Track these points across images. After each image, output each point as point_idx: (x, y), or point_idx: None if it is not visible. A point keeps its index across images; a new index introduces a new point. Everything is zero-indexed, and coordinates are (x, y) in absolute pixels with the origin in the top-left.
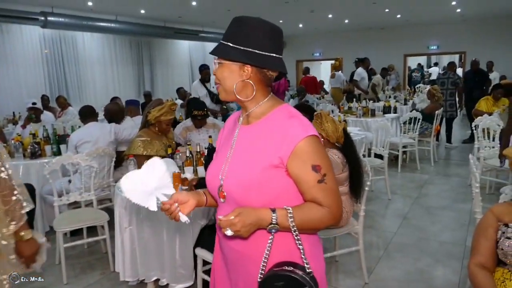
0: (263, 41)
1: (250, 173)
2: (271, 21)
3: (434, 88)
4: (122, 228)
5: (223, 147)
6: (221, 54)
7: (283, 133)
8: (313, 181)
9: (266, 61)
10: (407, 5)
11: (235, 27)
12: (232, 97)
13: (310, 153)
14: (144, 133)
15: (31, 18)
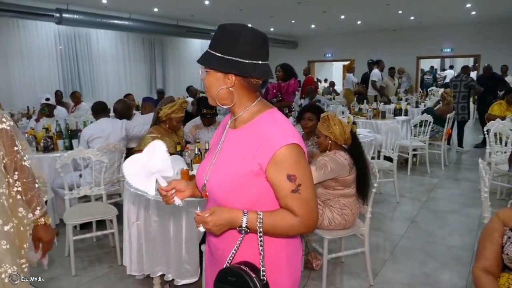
0: (246, 49)
1: (231, 176)
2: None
3: (446, 91)
4: (130, 223)
5: (213, 148)
6: (205, 63)
7: (264, 140)
8: (287, 190)
9: (250, 69)
10: (421, 7)
11: (219, 35)
12: (218, 103)
13: (287, 162)
14: (155, 130)
15: (47, 14)
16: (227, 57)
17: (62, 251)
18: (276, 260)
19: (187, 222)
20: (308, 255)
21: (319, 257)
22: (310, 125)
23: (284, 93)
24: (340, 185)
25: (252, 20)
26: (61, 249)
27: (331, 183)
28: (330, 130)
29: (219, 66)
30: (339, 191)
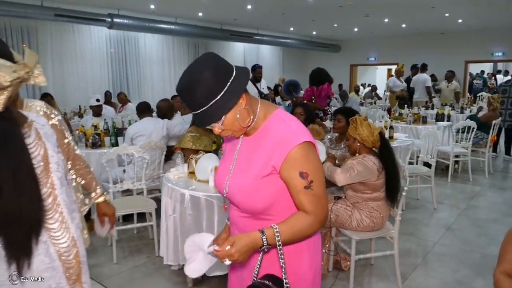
0: (222, 75)
1: (249, 181)
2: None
3: (493, 97)
4: (167, 215)
5: (227, 154)
6: (221, 113)
7: (276, 142)
8: (300, 186)
9: (243, 80)
10: (470, 10)
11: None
12: (245, 126)
13: (299, 160)
14: (194, 129)
15: (99, 19)
16: (226, 89)
17: (105, 241)
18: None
19: (218, 216)
20: (337, 256)
21: (348, 258)
22: (338, 126)
23: (317, 97)
24: (369, 189)
25: (294, 24)
26: (104, 239)
27: (359, 186)
28: (357, 131)
29: (231, 101)
30: (368, 195)
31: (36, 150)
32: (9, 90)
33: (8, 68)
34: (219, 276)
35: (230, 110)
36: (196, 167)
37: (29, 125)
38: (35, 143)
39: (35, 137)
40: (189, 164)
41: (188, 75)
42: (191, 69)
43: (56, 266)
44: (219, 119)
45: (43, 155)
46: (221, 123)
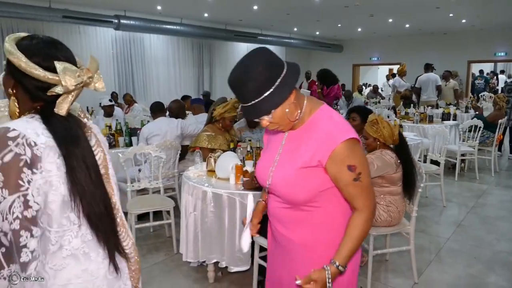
0: (276, 69)
1: (293, 172)
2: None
3: (498, 96)
4: (187, 213)
5: (270, 148)
6: (270, 108)
7: (322, 138)
8: (349, 179)
9: (293, 76)
10: (474, 10)
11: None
12: (293, 121)
13: (346, 155)
14: (209, 128)
15: (106, 21)
16: (277, 83)
17: None
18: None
19: (241, 214)
20: None
21: (364, 254)
22: (353, 124)
23: (325, 96)
24: (387, 182)
25: (299, 24)
26: None
27: (377, 180)
28: (379, 133)
29: (282, 96)
30: (386, 188)
31: (97, 154)
32: (73, 94)
33: (74, 72)
34: (240, 272)
35: (281, 105)
36: (217, 165)
37: (88, 130)
38: (95, 147)
39: (95, 141)
40: (207, 162)
41: (241, 68)
42: (244, 63)
43: (123, 267)
44: (269, 112)
45: (103, 160)
46: (271, 116)
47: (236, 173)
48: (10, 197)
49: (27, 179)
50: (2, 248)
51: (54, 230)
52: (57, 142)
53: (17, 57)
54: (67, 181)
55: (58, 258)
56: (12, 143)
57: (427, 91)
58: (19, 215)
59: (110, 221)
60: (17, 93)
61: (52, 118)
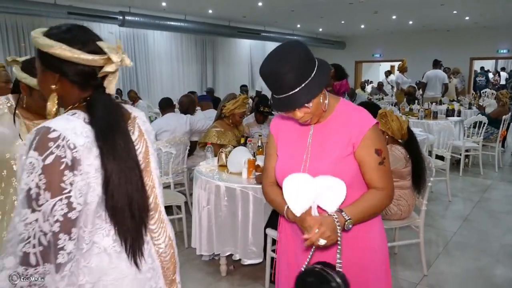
0: (311, 62)
1: (330, 162)
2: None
3: (501, 92)
4: (200, 207)
5: (295, 144)
6: (309, 98)
7: (353, 124)
8: (375, 162)
9: (324, 70)
10: (478, 7)
11: (289, 73)
12: (322, 114)
13: (375, 139)
14: (219, 124)
15: (111, 17)
16: (314, 73)
17: None
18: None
19: (254, 207)
20: None
21: None
22: None
23: (336, 92)
24: (396, 177)
25: (302, 20)
26: None
27: None
28: (388, 126)
29: (319, 87)
30: (395, 183)
31: (139, 148)
32: (116, 75)
33: (113, 49)
34: (252, 265)
35: (318, 95)
36: (229, 160)
37: (133, 122)
38: (137, 140)
39: (138, 134)
40: (219, 157)
41: (278, 59)
42: (280, 54)
43: (156, 266)
44: (309, 101)
45: (144, 153)
46: (311, 105)
47: (249, 167)
48: (52, 200)
49: (69, 181)
50: (40, 247)
51: (88, 230)
52: (96, 134)
53: (60, 48)
54: (102, 174)
55: (91, 255)
56: (53, 145)
57: (434, 88)
58: (60, 217)
59: (137, 218)
60: (62, 87)
61: (101, 104)
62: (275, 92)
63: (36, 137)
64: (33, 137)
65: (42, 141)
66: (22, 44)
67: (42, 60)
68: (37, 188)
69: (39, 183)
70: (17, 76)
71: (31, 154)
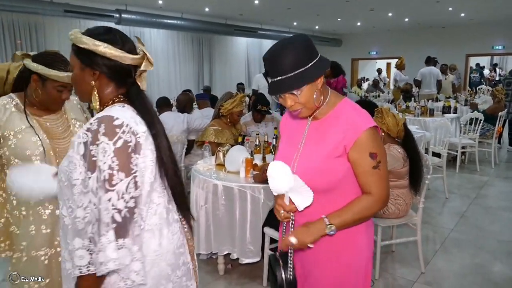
0: (311, 52)
1: (320, 160)
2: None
3: (497, 89)
4: (198, 206)
5: (291, 140)
6: (300, 84)
7: (348, 125)
8: (369, 166)
9: (323, 63)
10: (473, 4)
11: (283, 57)
12: (316, 107)
13: (369, 142)
14: (216, 123)
15: (107, 15)
16: (309, 66)
17: None
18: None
19: (251, 206)
20: None
21: None
22: None
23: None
24: (394, 177)
25: (299, 18)
26: None
27: None
28: (383, 121)
29: (312, 76)
30: (393, 183)
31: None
32: (146, 73)
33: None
34: (249, 264)
35: (309, 84)
36: (226, 159)
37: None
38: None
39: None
40: (216, 156)
41: (280, 44)
42: (286, 41)
43: (185, 243)
44: (297, 88)
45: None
46: (299, 93)
47: (246, 166)
48: (126, 179)
49: (135, 163)
50: (113, 224)
51: (145, 209)
52: (146, 122)
53: (105, 47)
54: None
55: (143, 231)
56: (119, 131)
57: (429, 85)
58: (134, 194)
59: (183, 192)
60: (101, 84)
61: (138, 99)
62: (271, 75)
63: (101, 124)
64: (97, 124)
65: (109, 127)
66: (18, 41)
67: (82, 58)
68: (110, 170)
69: (112, 164)
70: (31, 67)
71: (101, 139)
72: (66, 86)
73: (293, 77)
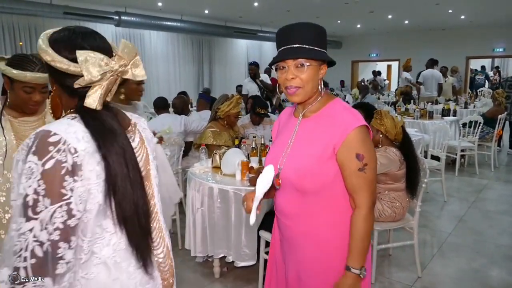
0: (325, 41)
1: (308, 160)
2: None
3: (497, 92)
4: (194, 209)
5: (280, 139)
6: (313, 56)
7: (337, 124)
8: (354, 167)
9: (330, 58)
10: (473, 6)
11: (299, 31)
12: (309, 96)
13: (357, 142)
14: (214, 125)
15: (107, 17)
16: (323, 50)
17: None
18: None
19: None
20: None
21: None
22: None
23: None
24: (391, 179)
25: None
26: None
27: (381, 177)
28: (381, 123)
29: (323, 56)
30: (389, 185)
31: (140, 155)
32: (103, 85)
33: (98, 60)
34: (245, 267)
35: (319, 62)
36: (222, 161)
37: (133, 128)
38: (138, 147)
39: (138, 141)
40: (213, 159)
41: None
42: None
43: (155, 276)
44: (313, 58)
45: (145, 160)
46: (306, 68)
47: (242, 169)
48: (52, 206)
49: (69, 187)
50: (32, 259)
51: (87, 239)
52: (96, 139)
53: (46, 52)
54: (104, 181)
55: (89, 266)
56: (53, 149)
57: (431, 88)
58: (60, 225)
59: (144, 225)
60: (57, 90)
61: (87, 114)
62: (283, 44)
63: (36, 140)
64: (32, 140)
65: (42, 145)
66: (20, 43)
67: (45, 62)
68: (35, 195)
69: (37, 189)
70: (1, 69)
71: (30, 159)
72: (35, 88)
73: (306, 49)
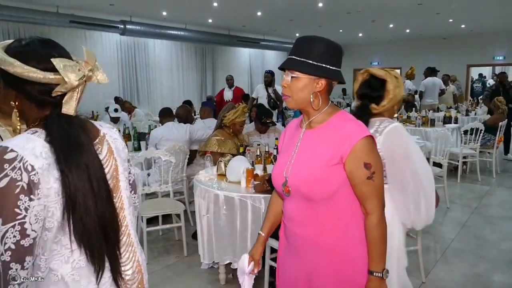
0: (331, 58)
1: (314, 169)
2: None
3: (499, 99)
4: (200, 216)
5: (286, 148)
6: (301, 69)
7: (343, 135)
8: (363, 176)
9: (336, 74)
10: (473, 15)
11: (306, 45)
12: (301, 106)
13: (364, 151)
14: (219, 133)
15: (112, 26)
16: (319, 64)
17: None
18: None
19: (252, 216)
20: None
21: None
22: None
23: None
24: None
25: (301, 29)
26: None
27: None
28: None
29: (314, 71)
30: None
31: (107, 167)
32: (78, 90)
33: (74, 67)
34: None
35: (305, 75)
36: (227, 169)
37: (101, 140)
38: (106, 159)
39: (107, 152)
40: (218, 166)
41: (320, 38)
42: (326, 39)
43: None
44: (293, 69)
45: (114, 171)
46: (292, 78)
47: (247, 176)
48: (4, 226)
49: (24, 206)
50: None
51: (45, 257)
52: (57, 155)
53: (10, 64)
54: (62, 196)
55: (48, 284)
56: (8, 167)
57: (433, 95)
58: (12, 245)
59: (112, 239)
60: (20, 104)
61: (56, 124)
62: (295, 53)
63: None
64: None
65: None
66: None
67: (1, 75)
68: None
69: None
70: None
71: None
72: None
73: (300, 61)
